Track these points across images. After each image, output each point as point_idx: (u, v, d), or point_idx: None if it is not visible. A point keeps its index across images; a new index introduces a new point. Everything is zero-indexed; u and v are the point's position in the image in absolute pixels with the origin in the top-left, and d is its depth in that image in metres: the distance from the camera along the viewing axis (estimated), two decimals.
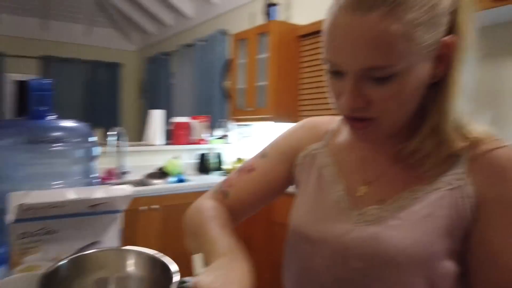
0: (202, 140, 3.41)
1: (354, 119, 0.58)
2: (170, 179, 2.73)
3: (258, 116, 3.46)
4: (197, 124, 3.45)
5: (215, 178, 3.02)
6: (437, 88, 0.56)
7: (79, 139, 1.06)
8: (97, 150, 1.10)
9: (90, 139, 1.09)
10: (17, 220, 0.77)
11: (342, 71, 0.56)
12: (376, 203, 0.62)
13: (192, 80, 4.96)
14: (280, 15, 3.51)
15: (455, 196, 0.57)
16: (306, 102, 3.43)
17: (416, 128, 0.60)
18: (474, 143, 0.58)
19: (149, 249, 0.77)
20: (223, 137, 3.59)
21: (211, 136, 3.53)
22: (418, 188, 0.60)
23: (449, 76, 0.55)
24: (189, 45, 5.06)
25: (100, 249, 0.77)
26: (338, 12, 0.54)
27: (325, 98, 3.00)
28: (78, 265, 0.76)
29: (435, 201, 0.58)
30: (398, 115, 0.58)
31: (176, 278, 0.66)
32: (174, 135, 3.32)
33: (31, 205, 0.73)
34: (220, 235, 0.64)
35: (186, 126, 3.39)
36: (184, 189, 2.63)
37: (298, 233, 0.68)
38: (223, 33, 4.40)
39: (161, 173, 2.77)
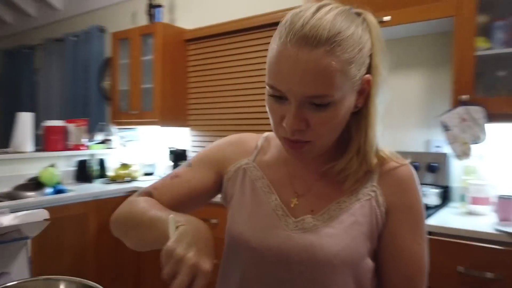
0: (81, 145, 3.15)
1: (292, 142, 0.66)
2: (47, 190, 2.46)
3: (144, 120, 3.35)
4: (73, 128, 3.17)
5: (99, 187, 2.83)
6: (357, 117, 0.68)
7: None
8: None
9: None
10: None
11: (285, 97, 0.63)
12: (308, 213, 0.71)
13: (63, 79, 4.52)
14: (163, 17, 3.46)
15: (372, 205, 0.70)
16: (194, 107, 3.46)
17: (339, 149, 0.71)
18: (383, 161, 0.72)
19: (73, 277, 0.74)
20: (105, 142, 3.37)
21: (91, 141, 3.29)
22: (343, 200, 0.71)
23: (369, 107, 0.67)
24: (58, 40, 4.60)
25: (30, 280, 0.70)
26: (285, 46, 0.61)
27: (213, 102, 3.08)
28: None
29: (358, 210, 0.70)
30: (329, 138, 0.68)
31: None
32: (47, 141, 3.00)
33: None
34: (167, 215, 0.65)
35: (60, 131, 3.09)
36: (66, 200, 2.41)
37: (239, 241, 0.73)
38: (101, 30, 4.12)
39: (36, 184, 2.48)
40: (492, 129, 1.91)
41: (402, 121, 2.36)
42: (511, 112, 1.80)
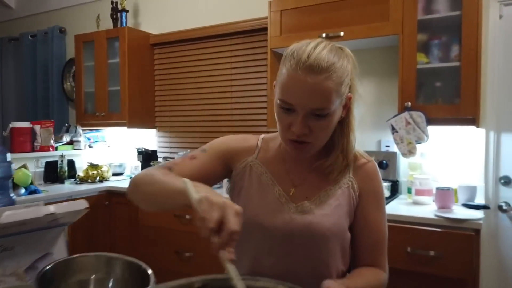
0: (49, 146, 3.17)
1: (295, 142, 0.87)
2: (21, 191, 2.50)
3: (111, 122, 3.42)
4: (40, 130, 3.19)
5: (70, 187, 2.88)
6: (340, 124, 0.91)
7: None
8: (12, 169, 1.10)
9: (7, 157, 1.08)
10: None
11: (294, 109, 0.84)
12: (305, 199, 0.92)
13: (20, 79, 4.41)
14: (128, 21, 3.54)
15: (349, 191, 0.93)
16: (161, 109, 3.57)
17: (324, 149, 0.93)
18: (356, 158, 0.96)
19: (124, 255, 0.90)
20: (72, 143, 3.40)
21: (58, 142, 3.31)
22: (329, 188, 0.94)
23: (350, 117, 0.90)
24: (13, 39, 4.49)
25: (80, 255, 0.86)
26: (296, 72, 0.82)
27: (179, 105, 3.22)
28: (62, 269, 0.84)
29: (340, 195, 0.93)
30: (323, 141, 0.90)
31: (152, 279, 0.83)
32: (14, 142, 3.00)
33: (6, 224, 0.77)
34: (178, 178, 0.81)
35: (27, 132, 3.10)
36: (41, 200, 2.45)
37: (254, 222, 0.92)
38: (61, 31, 4.10)
39: None
40: (432, 131, 2.24)
41: (358, 123, 2.66)
42: (446, 117, 2.15)
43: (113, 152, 3.69)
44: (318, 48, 0.83)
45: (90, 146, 3.58)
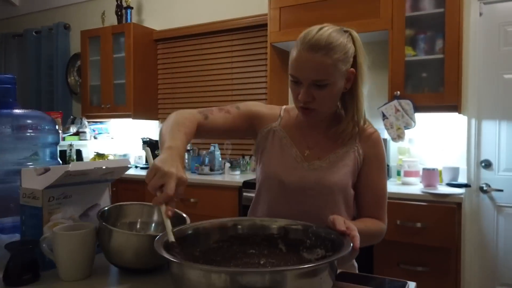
0: None
1: (304, 109, 1.06)
2: None
3: (116, 113, 3.59)
4: None
5: None
6: (350, 96, 1.09)
7: (47, 127, 1.22)
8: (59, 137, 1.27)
9: (55, 126, 1.26)
10: (46, 187, 0.97)
11: (300, 81, 1.03)
12: (316, 159, 1.11)
13: (24, 74, 4.55)
14: (132, 18, 3.71)
15: (355, 155, 1.11)
16: (163, 101, 3.75)
17: (335, 119, 1.12)
18: (364, 127, 1.13)
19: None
20: (78, 133, 3.56)
21: (65, 133, 3.46)
22: (338, 151, 1.11)
23: (357, 89, 1.07)
24: (16, 35, 4.63)
25: (128, 203, 1.06)
26: (301, 51, 1.00)
27: (181, 98, 3.39)
28: (115, 212, 1.03)
29: (347, 157, 1.10)
30: (327, 108, 1.07)
31: (188, 220, 1.01)
32: None
33: (74, 172, 0.95)
34: (176, 137, 0.96)
35: None
36: None
37: (273, 177, 1.10)
38: (65, 27, 4.25)
39: None
40: (419, 118, 2.45)
41: None
42: (432, 105, 2.36)
43: (117, 143, 3.85)
44: (322, 30, 1.01)
45: (95, 137, 3.74)
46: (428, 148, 2.62)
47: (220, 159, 3.10)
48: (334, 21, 2.58)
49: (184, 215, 1.06)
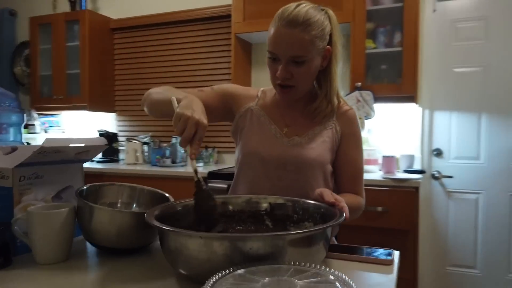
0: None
1: (282, 87, 1.07)
2: None
3: (70, 105, 3.41)
4: None
5: None
6: (324, 74, 1.11)
7: (11, 104, 1.14)
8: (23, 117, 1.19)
9: (18, 105, 1.17)
10: (17, 166, 0.90)
11: (278, 58, 1.03)
12: (296, 136, 1.12)
13: None
14: (87, 5, 3.55)
15: (333, 132, 1.13)
16: (121, 93, 3.61)
17: (311, 97, 1.13)
18: (339, 105, 1.16)
19: (143, 186, 1.06)
20: (27, 126, 3.34)
21: None
22: (316, 128, 1.12)
23: (332, 67, 1.10)
24: None
25: (107, 184, 1.01)
26: (279, 27, 1.00)
27: (140, 89, 3.28)
28: (94, 192, 0.98)
29: (325, 134, 1.12)
30: (305, 85, 1.08)
31: (171, 199, 0.99)
32: None
33: (48, 148, 0.89)
34: (182, 92, 1.01)
35: None
36: None
37: (254, 153, 1.10)
38: (11, 13, 3.97)
39: None
40: (378, 108, 2.56)
41: None
42: (390, 95, 2.47)
43: (69, 136, 3.66)
44: (300, 7, 1.02)
45: (45, 131, 3.53)
46: (386, 137, 2.74)
47: (183, 151, 3.05)
48: None
49: (167, 194, 1.04)
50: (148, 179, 2.74)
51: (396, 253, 0.90)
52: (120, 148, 3.45)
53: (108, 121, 3.66)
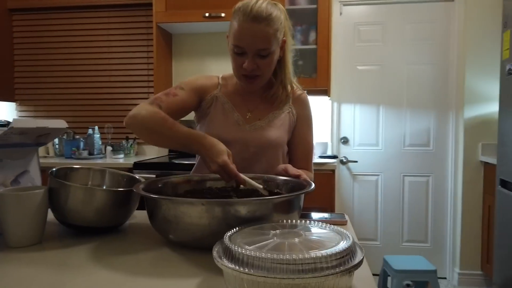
0: None
1: (249, 77, 1.16)
2: None
3: None
4: None
5: None
6: (279, 63, 1.22)
7: None
8: None
9: None
10: None
11: (244, 52, 1.11)
12: (257, 120, 1.21)
13: None
14: None
15: (290, 115, 1.25)
16: (22, 81, 3.28)
17: (269, 83, 1.24)
18: (293, 90, 1.28)
19: (116, 170, 1.06)
20: None
21: None
22: (275, 112, 1.23)
23: (286, 56, 1.21)
24: None
25: (75, 167, 1.00)
26: (244, 22, 1.08)
27: (47, 77, 3.03)
28: (63, 174, 0.95)
29: (283, 117, 1.24)
30: (268, 74, 1.18)
31: (142, 180, 1.03)
32: None
33: (16, 129, 0.86)
34: (190, 130, 1.06)
35: None
36: None
37: (219, 137, 1.16)
38: None
39: None
40: None
41: None
42: (307, 89, 2.69)
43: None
44: (259, 2, 1.12)
45: None
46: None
47: (100, 142, 2.92)
48: (219, 7, 2.73)
49: (137, 176, 1.06)
50: None
51: (346, 216, 1.07)
52: None
53: (6, 112, 3.30)
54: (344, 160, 3.03)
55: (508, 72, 2.06)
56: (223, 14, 2.66)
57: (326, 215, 1.07)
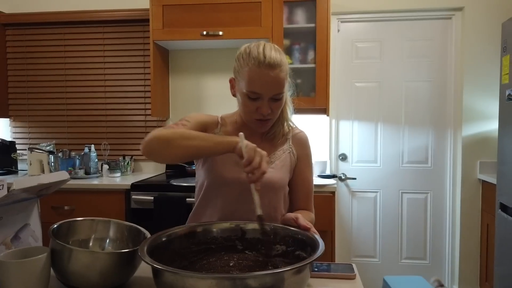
0: None
1: (261, 120, 1.14)
2: None
3: None
4: None
5: None
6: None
7: None
8: None
9: None
10: None
11: (260, 97, 1.10)
12: None
13: None
14: None
15: (290, 155, 1.24)
16: (16, 96, 3.23)
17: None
18: (292, 130, 1.28)
19: (118, 220, 1.04)
20: None
21: None
22: (276, 153, 1.22)
23: (286, 98, 1.21)
24: None
25: (78, 219, 0.97)
26: (260, 68, 1.07)
27: (41, 93, 2.95)
28: (65, 230, 0.93)
29: (284, 158, 1.23)
30: (277, 115, 1.18)
31: (148, 234, 1.00)
32: None
33: (17, 191, 0.83)
34: (219, 136, 1.07)
35: None
36: None
37: (221, 178, 1.15)
38: None
39: None
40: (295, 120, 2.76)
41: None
42: (306, 108, 2.69)
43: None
44: (267, 49, 1.12)
45: None
46: None
47: (97, 160, 2.88)
48: (217, 25, 2.70)
49: (140, 228, 1.04)
50: (63, 193, 2.53)
51: (354, 266, 1.06)
52: (21, 158, 3.11)
53: (0, 128, 3.25)
54: (343, 177, 3.02)
55: (508, 97, 2.06)
56: (220, 32, 2.64)
57: (333, 265, 1.05)
